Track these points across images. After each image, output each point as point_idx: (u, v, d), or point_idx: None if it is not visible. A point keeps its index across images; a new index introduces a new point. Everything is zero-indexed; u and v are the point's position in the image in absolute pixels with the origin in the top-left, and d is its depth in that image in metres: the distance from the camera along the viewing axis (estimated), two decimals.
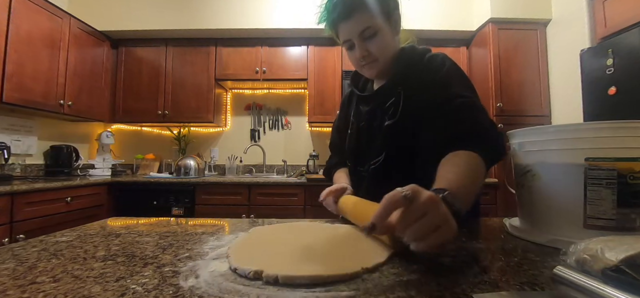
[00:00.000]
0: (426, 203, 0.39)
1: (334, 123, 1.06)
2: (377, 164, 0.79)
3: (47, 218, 1.93)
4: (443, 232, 0.39)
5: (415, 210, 0.39)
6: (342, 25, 0.75)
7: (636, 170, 0.48)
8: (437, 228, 0.39)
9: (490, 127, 0.65)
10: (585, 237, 0.35)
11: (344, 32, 0.76)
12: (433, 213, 0.39)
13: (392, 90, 0.79)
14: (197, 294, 0.34)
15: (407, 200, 0.39)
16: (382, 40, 0.75)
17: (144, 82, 2.89)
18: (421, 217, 0.39)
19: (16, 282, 0.38)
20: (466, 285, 0.36)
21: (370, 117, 0.84)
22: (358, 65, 0.80)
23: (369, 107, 0.85)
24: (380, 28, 0.74)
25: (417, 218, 0.39)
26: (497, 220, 0.74)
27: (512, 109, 2.54)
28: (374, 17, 0.73)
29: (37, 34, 2.19)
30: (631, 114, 1.62)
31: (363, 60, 0.77)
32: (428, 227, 0.39)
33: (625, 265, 0.27)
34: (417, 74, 0.76)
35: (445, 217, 0.40)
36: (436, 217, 0.39)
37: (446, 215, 0.40)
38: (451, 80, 0.72)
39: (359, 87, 0.93)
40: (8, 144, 2.19)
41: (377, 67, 0.78)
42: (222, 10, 2.79)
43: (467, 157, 0.59)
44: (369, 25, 0.72)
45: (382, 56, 0.76)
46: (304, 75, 2.85)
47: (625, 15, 1.81)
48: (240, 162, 3.12)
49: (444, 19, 2.77)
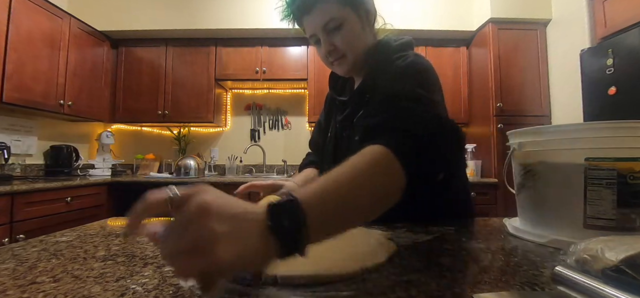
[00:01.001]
0: (189, 213, 0.28)
1: (318, 119, 0.99)
2: None
3: (47, 218, 1.93)
4: (201, 258, 0.26)
5: (176, 221, 0.28)
6: (304, 19, 0.70)
7: (636, 170, 0.48)
8: (196, 252, 0.27)
9: (430, 124, 0.48)
10: (585, 237, 0.35)
11: (308, 26, 0.70)
12: (195, 228, 0.27)
13: (361, 97, 0.72)
14: (197, 294, 0.34)
15: (167, 203, 0.29)
16: (348, 33, 0.68)
17: (144, 82, 2.89)
18: (182, 230, 0.28)
19: (16, 282, 0.38)
20: (466, 285, 0.36)
21: (343, 126, 0.78)
22: (326, 61, 0.74)
23: (342, 115, 0.79)
24: (345, 19, 0.67)
25: (177, 232, 0.28)
26: (497, 220, 0.74)
27: (512, 109, 2.54)
28: (337, 7, 0.66)
29: (37, 34, 2.19)
30: (631, 114, 1.62)
31: (330, 56, 0.71)
32: (181, 245, 0.27)
33: (625, 265, 0.27)
34: (386, 77, 0.65)
35: (211, 237, 0.27)
36: (197, 233, 0.27)
37: (214, 234, 0.27)
38: (405, 76, 0.61)
39: (337, 88, 0.86)
40: (8, 143, 2.19)
41: (346, 64, 0.72)
42: (222, 10, 2.79)
43: (370, 153, 0.42)
44: (333, 17, 0.66)
45: (350, 51, 0.70)
46: (304, 75, 2.85)
47: (625, 15, 1.81)
48: (240, 162, 3.12)
49: (444, 19, 2.77)
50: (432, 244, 0.54)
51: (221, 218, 0.28)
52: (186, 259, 0.27)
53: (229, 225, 0.28)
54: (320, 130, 0.94)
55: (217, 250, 0.26)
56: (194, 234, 0.27)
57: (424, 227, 0.65)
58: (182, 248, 0.27)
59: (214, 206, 0.28)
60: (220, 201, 0.29)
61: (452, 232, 0.62)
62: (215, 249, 0.26)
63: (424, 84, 0.59)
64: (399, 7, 2.72)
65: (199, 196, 0.28)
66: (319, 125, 0.96)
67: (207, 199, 0.28)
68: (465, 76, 2.88)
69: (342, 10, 0.67)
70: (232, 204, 0.30)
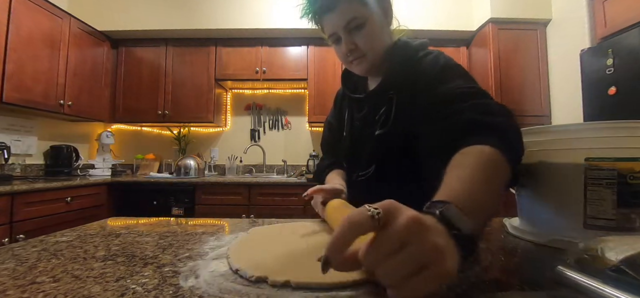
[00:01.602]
0: (404, 230, 0.26)
1: (326, 120, 0.98)
2: (367, 175, 0.73)
3: (47, 218, 1.93)
4: (431, 274, 0.26)
5: (388, 240, 0.27)
6: (326, 17, 0.69)
7: (636, 170, 0.48)
8: (422, 269, 0.26)
9: (504, 112, 0.53)
10: (585, 237, 0.35)
11: (328, 25, 0.70)
12: (416, 245, 0.26)
13: (384, 95, 0.72)
14: (197, 294, 0.34)
15: (375, 221, 0.27)
16: (371, 32, 0.68)
17: (144, 82, 2.89)
18: (398, 249, 0.26)
19: (16, 282, 0.38)
20: (466, 285, 0.36)
21: (363, 124, 0.78)
22: (345, 60, 0.73)
23: (361, 113, 0.78)
24: (368, 18, 0.67)
25: (392, 252, 0.26)
26: (497, 220, 0.74)
27: (512, 108, 2.52)
28: (361, 5, 0.66)
29: (37, 34, 2.19)
30: (631, 114, 1.62)
31: (350, 55, 0.70)
32: (406, 267, 0.26)
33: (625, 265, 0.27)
34: (410, 75, 0.67)
35: (436, 251, 0.26)
36: (420, 251, 0.26)
37: (437, 247, 0.27)
38: (448, 74, 0.62)
39: (350, 86, 0.85)
40: (8, 144, 2.19)
41: (366, 63, 0.71)
42: (222, 10, 2.79)
43: (480, 153, 0.44)
44: (355, 16, 0.66)
45: (371, 50, 0.69)
46: (304, 75, 2.85)
47: (625, 15, 1.81)
48: (240, 162, 3.12)
49: (444, 19, 2.77)
50: None
51: (436, 231, 0.28)
52: (417, 280, 0.26)
53: (442, 237, 0.28)
54: (331, 130, 0.93)
55: (449, 265, 0.27)
56: (418, 252, 0.26)
57: None
58: (408, 268, 0.26)
59: (426, 220, 0.28)
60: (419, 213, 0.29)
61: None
62: (447, 265, 0.27)
63: (468, 76, 0.63)
64: (398, 7, 2.71)
65: (405, 211, 0.28)
66: (330, 126, 0.94)
67: (415, 214, 0.28)
68: None
69: (364, 9, 0.67)
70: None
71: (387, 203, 0.28)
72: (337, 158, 0.89)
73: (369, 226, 0.27)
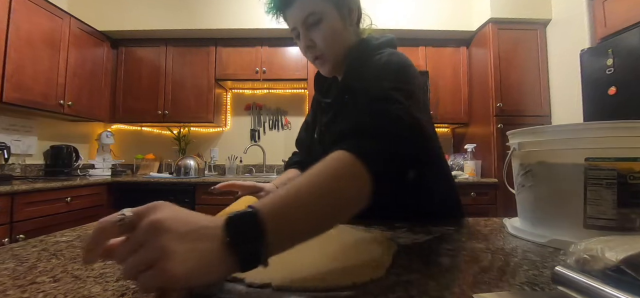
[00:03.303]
0: (141, 232, 0.29)
1: (304, 119, 0.99)
2: None
3: (47, 218, 1.93)
4: (155, 272, 0.28)
5: (131, 240, 0.29)
6: (287, 12, 0.69)
7: (636, 170, 0.48)
8: (150, 266, 0.28)
9: (396, 119, 0.48)
10: (585, 237, 0.35)
11: (289, 20, 0.69)
12: (149, 245, 0.28)
13: (342, 97, 0.71)
14: (197, 294, 0.34)
15: (121, 227, 0.30)
16: (328, 29, 0.67)
17: (143, 82, 2.89)
18: (138, 248, 0.29)
19: (16, 282, 0.38)
20: (466, 285, 0.36)
21: (327, 128, 0.78)
22: (307, 57, 0.73)
23: (327, 117, 0.78)
24: (325, 15, 0.66)
25: (133, 251, 0.29)
26: (497, 220, 0.74)
27: (512, 109, 2.54)
28: (318, 2, 0.65)
29: (37, 34, 2.19)
30: (631, 114, 1.62)
31: (308, 52, 0.70)
32: (139, 263, 0.28)
33: (625, 265, 0.27)
34: (364, 76, 0.63)
35: (163, 252, 0.28)
36: (149, 250, 0.28)
37: (165, 250, 0.28)
38: (382, 73, 0.60)
39: (323, 89, 0.84)
40: (8, 144, 2.19)
41: (327, 63, 0.71)
42: (222, 10, 2.79)
43: (330, 160, 0.42)
44: (313, 11, 0.65)
45: (329, 48, 0.68)
46: (304, 75, 2.85)
47: (625, 15, 1.81)
48: (240, 162, 3.12)
49: (444, 19, 2.77)
50: (432, 244, 0.54)
51: (173, 235, 0.29)
52: (143, 276, 0.28)
53: (181, 241, 0.29)
54: (307, 129, 0.93)
55: (169, 266, 0.27)
56: (147, 252, 0.28)
57: (424, 226, 0.65)
58: (138, 266, 0.28)
59: (166, 223, 0.29)
60: (173, 218, 0.30)
61: (452, 232, 0.62)
62: (167, 266, 0.27)
63: (401, 81, 0.57)
64: (399, 7, 2.73)
65: (152, 214, 0.30)
66: (306, 125, 0.95)
67: (159, 217, 0.29)
68: (465, 76, 2.88)
69: (322, 5, 0.66)
70: (188, 220, 0.31)
71: (144, 207, 0.31)
72: (302, 156, 0.90)
73: (116, 231, 0.30)
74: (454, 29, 2.78)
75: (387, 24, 2.68)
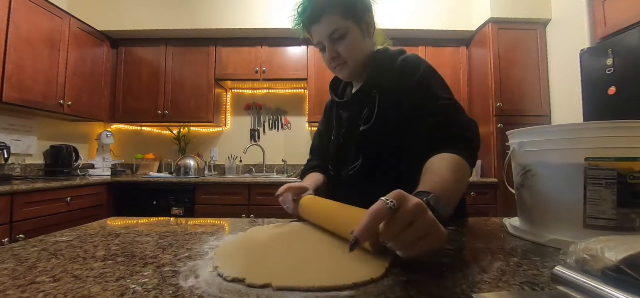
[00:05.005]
0: (413, 211, 0.38)
1: (318, 129, 1.06)
2: (354, 170, 0.79)
3: (47, 218, 1.93)
4: (432, 239, 0.39)
5: (402, 219, 0.38)
6: (313, 28, 0.78)
7: (636, 170, 0.48)
8: (426, 236, 0.38)
9: (472, 127, 0.68)
10: (585, 237, 0.35)
11: (315, 35, 0.78)
12: (421, 221, 0.38)
13: (368, 94, 0.79)
14: (197, 294, 0.34)
15: (392, 211, 0.38)
16: (351, 43, 0.76)
17: (143, 82, 2.89)
18: (409, 225, 0.38)
19: (16, 282, 0.38)
20: (466, 285, 0.36)
21: (351, 123, 0.84)
22: (330, 66, 0.82)
23: (348, 114, 0.85)
24: (349, 30, 0.75)
25: (405, 227, 0.38)
26: (497, 220, 0.74)
27: (512, 109, 2.54)
28: (343, 20, 0.75)
29: (37, 34, 2.19)
30: (631, 114, 1.62)
31: (333, 62, 0.79)
32: (416, 236, 0.38)
33: (625, 265, 0.27)
34: (391, 77, 0.76)
35: (434, 224, 0.39)
36: (424, 225, 0.39)
37: (434, 222, 0.39)
38: (429, 82, 0.72)
39: (338, 93, 0.94)
40: (8, 144, 2.19)
41: (347, 69, 0.80)
42: (222, 10, 2.79)
43: (451, 159, 0.59)
44: (337, 28, 0.75)
45: (352, 58, 0.78)
46: (304, 75, 2.85)
47: (625, 15, 1.81)
48: (240, 162, 3.12)
49: (444, 19, 2.77)
50: None
51: (430, 214, 0.40)
52: (422, 243, 0.39)
53: (433, 217, 0.40)
54: (321, 138, 1.00)
55: (441, 233, 0.40)
56: (422, 226, 0.39)
57: None
58: (415, 236, 0.38)
59: (422, 205, 0.39)
60: (420, 201, 0.40)
61: (452, 232, 0.62)
62: (440, 233, 0.40)
63: (445, 85, 0.74)
64: (399, 7, 2.73)
65: (411, 200, 0.39)
66: (320, 134, 1.02)
67: (418, 201, 0.39)
68: (465, 76, 2.88)
69: (346, 22, 0.75)
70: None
71: (396, 194, 0.39)
72: (322, 161, 0.97)
73: (387, 214, 0.38)
74: (454, 29, 2.78)
75: (387, 24, 2.68)
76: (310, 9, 0.76)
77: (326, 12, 0.74)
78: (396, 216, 0.38)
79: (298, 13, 0.79)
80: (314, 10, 0.75)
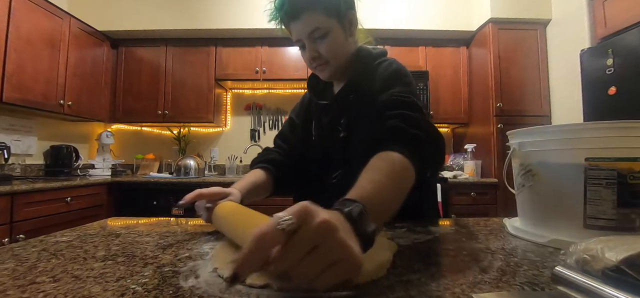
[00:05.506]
0: (317, 231, 0.29)
1: (289, 115, 0.97)
2: (338, 177, 0.76)
3: (47, 218, 1.93)
4: (340, 268, 0.29)
5: (300, 242, 0.29)
6: (291, 25, 0.72)
7: (636, 170, 0.48)
8: (332, 265, 0.29)
9: (423, 126, 0.59)
10: (585, 237, 0.35)
11: (294, 32, 0.73)
12: (327, 245, 0.29)
13: (346, 98, 0.76)
14: (197, 294, 0.34)
15: (286, 234, 0.28)
16: (333, 42, 0.71)
17: (144, 82, 2.89)
18: (310, 251, 0.29)
19: (16, 282, 0.38)
20: (466, 285, 0.36)
21: (330, 128, 0.80)
22: (310, 66, 0.77)
23: (328, 117, 0.81)
24: (331, 29, 0.70)
25: (304, 254, 0.28)
26: (497, 220, 0.74)
27: (512, 109, 2.54)
28: (325, 17, 0.69)
29: (37, 34, 2.19)
30: (631, 114, 1.62)
31: (313, 62, 0.75)
32: (319, 265, 0.29)
33: (625, 265, 0.27)
34: (368, 81, 0.73)
35: (343, 248, 0.29)
36: (330, 250, 0.29)
37: (344, 246, 0.29)
38: (393, 80, 0.69)
39: (317, 92, 0.87)
40: (8, 144, 2.19)
41: (329, 70, 0.75)
42: (222, 10, 2.79)
43: (390, 159, 0.51)
44: (318, 26, 0.69)
45: (334, 58, 0.73)
46: (304, 75, 2.84)
47: (625, 15, 1.81)
48: (240, 162, 3.12)
49: (444, 19, 2.77)
50: (432, 244, 0.54)
51: (342, 233, 0.30)
52: (329, 274, 0.29)
53: (348, 237, 0.31)
54: (293, 128, 0.93)
55: (355, 259, 0.30)
56: (327, 250, 0.29)
57: (424, 226, 0.65)
58: (319, 265, 0.29)
59: (332, 223, 0.30)
60: (331, 216, 0.31)
61: (452, 232, 0.62)
62: (353, 259, 0.29)
63: (407, 82, 0.70)
64: (399, 7, 2.73)
65: (316, 216, 0.30)
66: (291, 121, 0.94)
67: (326, 217, 0.30)
68: (465, 76, 2.88)
69: (327, 21, 0.70)
70: (334, 217, 0.32)
71: (298, 209, 0.30)
72: (283, 153, 0.90)
73: (279, 238, 0.28)
74: (454, 29, 2.78)
75: (387, 24, 2.68)
76: (288, 4, 0.70)
77: (306, 9, 0.68)
78: (294, 239, 0.29)
79: (275, 7, 0.73)
80: (293, 6, 0.69)
